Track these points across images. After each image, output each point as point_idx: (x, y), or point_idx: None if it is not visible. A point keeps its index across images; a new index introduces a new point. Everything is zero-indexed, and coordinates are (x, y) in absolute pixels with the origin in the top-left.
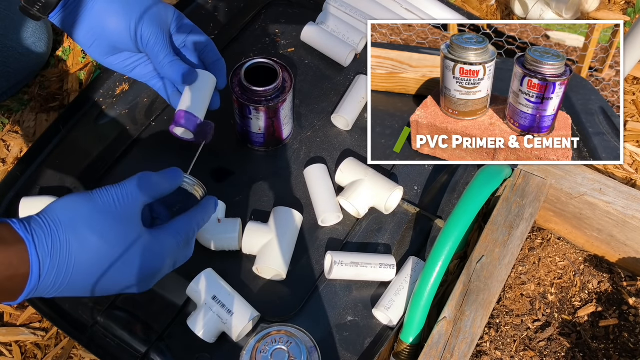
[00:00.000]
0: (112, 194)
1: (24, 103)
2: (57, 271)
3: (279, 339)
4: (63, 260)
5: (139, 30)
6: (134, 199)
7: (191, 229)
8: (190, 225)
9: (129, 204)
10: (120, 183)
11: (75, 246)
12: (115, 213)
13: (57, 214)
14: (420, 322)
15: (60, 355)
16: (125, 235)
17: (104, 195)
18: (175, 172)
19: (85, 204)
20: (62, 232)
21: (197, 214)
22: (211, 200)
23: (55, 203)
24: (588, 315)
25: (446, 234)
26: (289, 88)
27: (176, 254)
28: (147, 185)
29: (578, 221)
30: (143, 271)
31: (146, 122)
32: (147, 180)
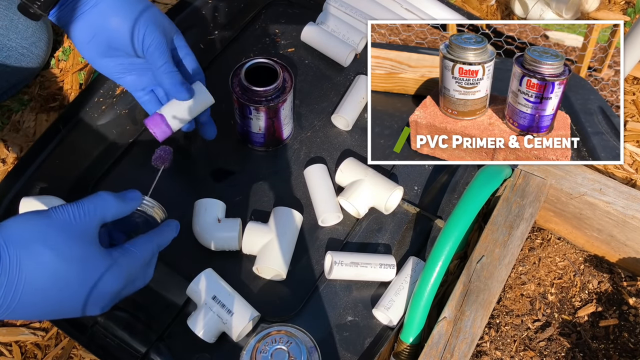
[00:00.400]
0: (68, 211)
1: (24, 103)
2: (4, 291)
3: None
4: (12, 279)
5: (141, 33)
6: (91, 216)
7: (150, 249)
8: (149, 245)
9: (86, 221)
10: (77, 201)
11: (26, 264)
12: (72, 230)
13: (8, 231)
14: (420, 322)
15: (60, 355)
16: (81, 253)
17: (60, 212)
18: (134, 194)
19: (40, 220)
20: (12, 249)
21: (156, 235)
22: (172, 223)
23: (8, 221)
24: (588, 315)
25: (446, 234)
26: (289, 88)
27: (135, 274)
28: (104, 204)
29: (578, 221)
30: (100, 291)
31: None
32: (105, 199)
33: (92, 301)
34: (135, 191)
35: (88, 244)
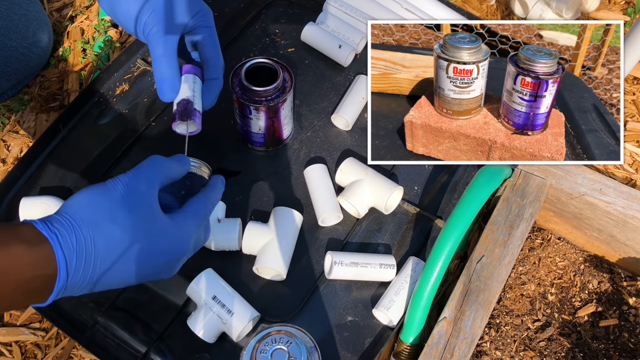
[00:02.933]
0: (126, 183)
1: (24, 103)
2: (84, 268)
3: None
4: (89, 256)
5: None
6: (149, 186)
7: (207, 208)
8: (206, 205)
9: (146, 191)
10: (132, 170)
11: (99, 241)
12: (134, 202)
13: (77, 211)
14: (420, 322)
15: (60, 355)
16: (147, 224)
17: (120, 186)
18: (183, 157)
19: (103, 197)
20: (84, 229)
21: (209, 193)
22: (218, 178)
23: (72, 200)
24: (588, 315)
25: (446, 234)
26: (289, 88)
27: (196, 236)
28: (159, 169)
29: (578, 221)
30: (168, 257)
31: (146, 122)
32: (158, 164)
33: (163, 266)
34: (183, 155)
35: (151, 214)
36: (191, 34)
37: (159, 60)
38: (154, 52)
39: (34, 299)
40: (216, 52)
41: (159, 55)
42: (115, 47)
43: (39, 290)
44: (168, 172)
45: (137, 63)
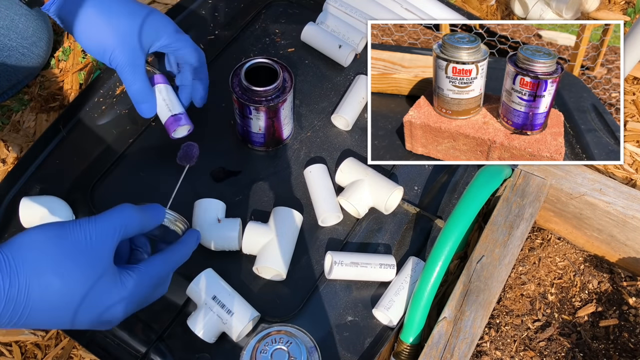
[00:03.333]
0: (86, 231)
1: (24, 103)
2: (12, 312)
3: (279, 339)
4: (20, 303)
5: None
6: (109, 238)
7: (166, 269)
8: (165, 266)
9: (103, 244)
10: (97, 218)
11: (34, 291)
12: (86, 255)
13: (22, 253)
14: (420, 322)
15: (60, 355)
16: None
17: (77, 232)
18: (157, 209)
19: (55, 242)
20: (22, 275)
21: (176, 252)
22: (192, 235)
23: (23, 237)
24: (588, 315)
25: (446, 234)
26: (289, 88)
27: (147, 295)
28: (127, 222)
29: (578, 221)
30: (105, 316)
31: (146, 122)
32: (128, 216)
33: (97, 323)
34: (158, 206)
35: (100, 269)
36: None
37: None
38: (125, 81)
39: None
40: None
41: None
42: None
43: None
44: (135, 226)
45: None
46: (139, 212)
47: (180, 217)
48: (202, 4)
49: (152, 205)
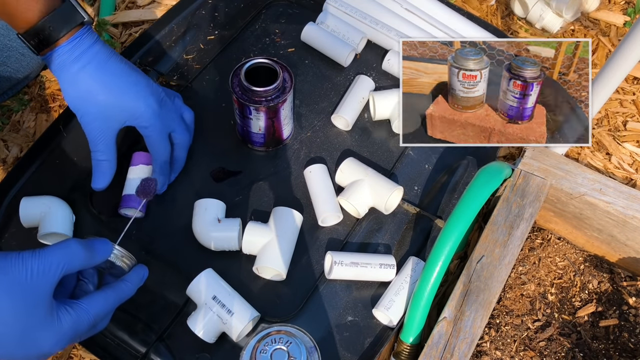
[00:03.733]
0: (27, 267)
1: (24, 103)
2: None
3: (279, 339)
4: None
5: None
6: (50, 273)
7: (106, 308)
8: (105, 305)
9: (43, 278)
10: (41, 252)
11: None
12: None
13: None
14: (420, 322)
15: (60, 355)
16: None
17: (19, 266)
18: (104, 245)
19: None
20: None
21: (118, 290)
22: (138, 273)
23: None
24: (588, 315)
25: (446, 234)
26: (289, 88)
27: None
28: (70, 258)
29: (578, 221)
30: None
31: None
32: (72, 252)
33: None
34: (106, 241)
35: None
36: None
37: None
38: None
39: None
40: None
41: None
42: (115, 47)
43: None
44: (80, 260)
45: (137, 63)
46: (85, 247)
47: (128, 253)
48: (202, 4)
49: (100, 240)
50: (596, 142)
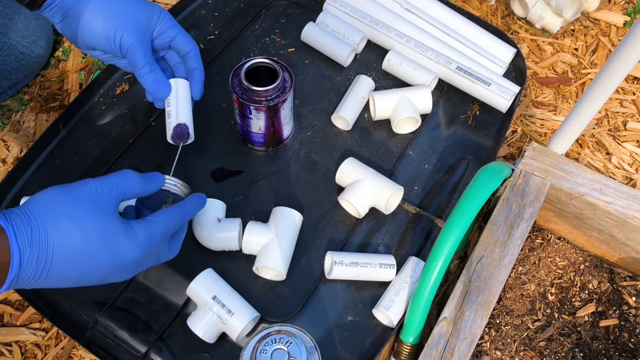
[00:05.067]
0: (90, 186)
1: (24, 103)
2: (37, 260)
3: (279, 339)
4: (42, 249)
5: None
6: (111, 192)
7: (172, 220)
8: (171, 217)
9: (106, 197)
10: (101, 177)
11: (54, 236)
12: (93, 205)
13: (36, 206)
14: (420, 322)
15: (60, 355)
16: (101, 226)
17: (82, 187)
18: (157, 176)
19: (63, 196)
20: (40, 223)
21: (180, 207)
22: (196, 196)
23: (34, 197)
24: (588, 315)
25: (446, 234)
26: (290, 88)
27: (154, 247)
28: (126, 182)
29: (578, 221)
30: (119, 261)
31: (146, 122)
32: (127, 178)
33: (114, 270)
34: (158, 173)
35: (107, 216)
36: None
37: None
38: (136, 61)
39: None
40: (191, 43)
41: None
42: None
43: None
44: (135, 187)
45: None
46: (140, 176)
47: (182, 182)
48: (202, 4)
49: (154, 173)
50: (596, 142)
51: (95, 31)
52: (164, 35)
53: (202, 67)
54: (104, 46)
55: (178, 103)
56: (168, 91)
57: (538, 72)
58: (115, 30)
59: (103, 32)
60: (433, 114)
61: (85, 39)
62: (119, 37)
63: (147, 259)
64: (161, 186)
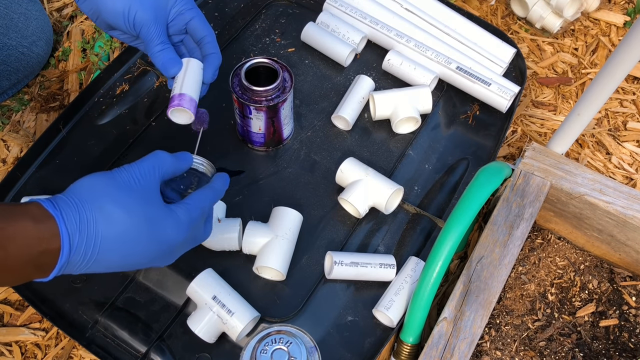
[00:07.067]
0: (130, 172)
1: (24, 103)
2: (85, 245)
3: (279, 339)
4: (91, 234)
5: (135, 16)
6: (151, 176)
7: (208, 202)
8: (205, 200)
9: (148, 180)
10: (137, 162)
11: (101, 221)
12: (136, 189)
13: (81, 192)
14: (420, 322)
15: (60, 355)
16: (147, 210)
17: (123, 173)
18: (186, 155)
19: (106, 181)
20: (87, 209)
21: (210, 190)
22: (221, 177)
23: (77, 183)
24: (588, 315)
25: (446, 234)
26: (290, 88)
27: (194, 229)
28: (162, 163)
29: (578, 221)
30: (166, 244)
31: (146, 122)
32: (162, 158)
33: (160, 254)
34: (187, 153)
35: (152, 202)
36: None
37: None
38: (149, 38)
39: (37, 274)
40: (207, 28)
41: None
42: (115, 47)
43: (43, 265)
44: (169, 167)
45: (137, 63)
46: (171, 155)
47: (209, 161)
48: (202, 4)
49: (180, 152)
50: (596, 142)
51: (113, 7)
52: (180, 17)
53: (218, 52)
54: (120, 24)
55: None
56: (178, 69)
57: (538, 72)
58: (130, 6)
59: (120, 8)
60: (433, 114)
61: (103, 16)
62: (132, 14)
63: (189, 242)
64: (191, 165)
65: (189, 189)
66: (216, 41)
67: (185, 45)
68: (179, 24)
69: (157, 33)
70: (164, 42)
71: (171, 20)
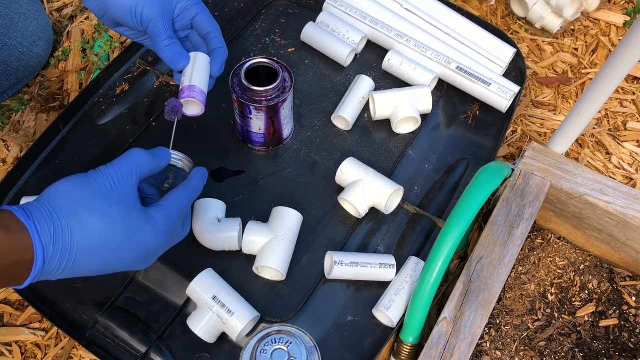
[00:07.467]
0: (107, 175)
1: (24, 103)
2: (60, 256)
3: (279, 339)
4: (66, 245)
5: (142, 12)
6: (129, 179)
7: (185, 202)
8: (182, 200)
9: (125, 184)
10: (113, 163)
11: (76, 231)
12: (113, 195)
13: (56, 200)
14: (420, 322)
15: (60, 355)
16: (124, 217)
17: (99, 177)
18: (164, 151)
19: (82, 187)
20: (62, 218)
21: (187, 188)
22: (198, 173)
23: (52, 189)
24: (588, 315)
25: (446, 234)
26: (290, 88)
27: (173, 230)
28: (139, 163)
29: (578, 221)
30: (144, 249)
31: (146, 122)
32: (139, 157)
33: (137, 260)
34: (164, 148)
35: (129, 208)
36: (184, 15)
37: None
38: (156, 34)
39: (11, 283)
40: (213, 23)
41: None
42: (115, 47)
43: (17, 275)
44: (147, 166)
45: (137, 63)
46: (148, 153)
47: (186, 157)
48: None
49: (159, 148)
50: (596, 142)
51: (121, 4)
52: (186, 12)
53: (225, 47)
54: (127, 21)
55: (194, 70)
56: (187, 62)
57: (538, 72)
58: (137, 2)
59: (127, 4)
60: (433, 114)
61: (110, 12)
62: (140, 10)
63: (167, 244)
64: (169, 162)
65: (166, 183)
66: (222, 36)
67: (191, 40)
68: (184, 20)
69: (164, 28)
70: (171, 36)
71: (177, 16)
